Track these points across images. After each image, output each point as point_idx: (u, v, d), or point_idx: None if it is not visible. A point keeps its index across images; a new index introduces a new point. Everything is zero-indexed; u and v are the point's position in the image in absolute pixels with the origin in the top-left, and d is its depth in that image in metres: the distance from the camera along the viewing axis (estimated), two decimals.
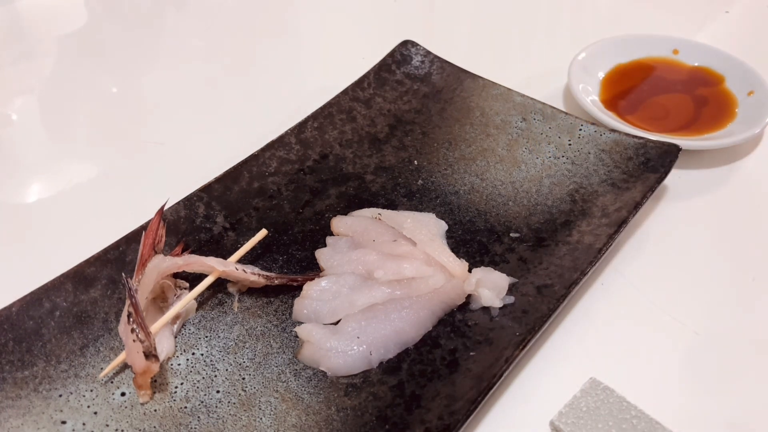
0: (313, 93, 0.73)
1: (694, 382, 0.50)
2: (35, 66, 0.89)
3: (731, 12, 0.92)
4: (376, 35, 0.91)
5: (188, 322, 0.54)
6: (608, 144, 0.64)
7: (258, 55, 0.89)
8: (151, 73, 0.88)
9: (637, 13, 0.94)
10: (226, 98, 0.81)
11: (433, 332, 0.52)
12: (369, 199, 0.63)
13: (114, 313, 0.53)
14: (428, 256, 0.55)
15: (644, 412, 0.45)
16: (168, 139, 0.75)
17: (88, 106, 0.81)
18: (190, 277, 0.55)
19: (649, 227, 0.61)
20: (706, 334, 0.53)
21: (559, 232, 0.58)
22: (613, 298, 0.56)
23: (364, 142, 0.68)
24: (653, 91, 0.75)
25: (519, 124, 0.68)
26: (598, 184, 0.62)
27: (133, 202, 0.61)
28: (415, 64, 0.75)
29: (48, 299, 0.52)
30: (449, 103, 0.72)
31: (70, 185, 0.70)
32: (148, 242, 0.54)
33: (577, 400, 0.46)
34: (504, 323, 0.51)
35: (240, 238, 0.59)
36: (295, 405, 0.48)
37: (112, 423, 0.47)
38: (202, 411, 0.48)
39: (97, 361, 0.51)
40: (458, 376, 0.48)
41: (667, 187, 0.65)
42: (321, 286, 0.54)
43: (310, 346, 0.51)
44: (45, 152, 0.76)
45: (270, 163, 0.64)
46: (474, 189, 0.63)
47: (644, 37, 0.79)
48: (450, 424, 0.44)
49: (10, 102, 0.82)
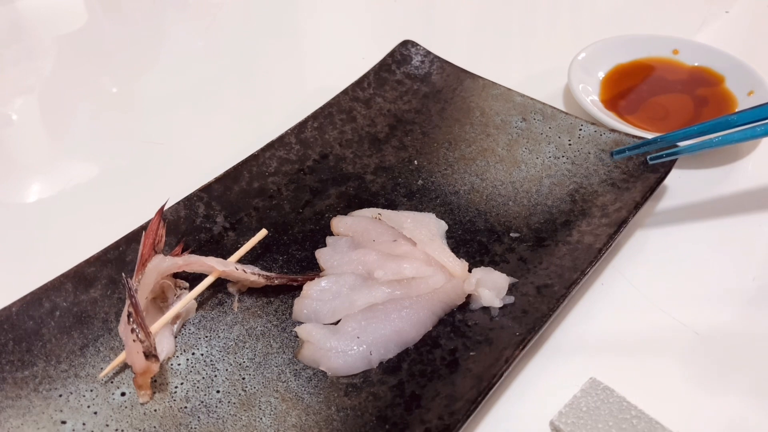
0: (313, 93, 0.73)
1: (694, 382, 0.50)
2: (35, 66, 0.89)
3: (731, 12, 0.92)
4: (376, 35, 0.91)
5: (188, 322, 0.54)
6: (608, 144, 0.64)
7: (258, 55, 0.89)
8: (151, 73, 0.88)
9: (637, 13, 0.94)
10: (226, 98, 0.81)
11: (433, 332, 0.52)
12: (369, 199, 0.63)
13: (114, 313, 0.53)
14: (428, 256, 0.55)
15: (644, 412, 0.45)
16: (168, 139, 0.75)
17: (88, 106, 0.81)
18: (190, 277, 0.56)
19: (649, 227, 0.61)
20: (706, 334, 0.53)
21: (559, 232, 0.58)
22: (613, 298, 0.56)
23: (364, 142, 0.68)
24: (653, 91, 0.75)
25: (519, 124, 0.68)
26: (598, 184, 0.62)
27: (133, 202, 0.61)
28: (415, 64, 0.75)
29: (48, 299, 0.52)
30: (449, 103, 0.72)
31: (70, 185, 0.70)
32: (148, 242, 0.54)
33: (577, 400, 0.46)
34: (504, 323, 0.51)
35: (240, 238, 0.59)
36: (295, 405, 0.48)
37: (112, 423, 0.47)
38: (202, 411, 0.48)
39: (97, 361, 0.51)
40: (458, 376, 0.48)
41: (667, 187, 0.65)
42: (321, 286, 0.54)
43: (310, 346, 0.51)
44: (45, 152, 0.76)
45: (270, 163, 0.64)
46: (474, 189, 0.63)
47: (644, 37, 0.79)
48: (450, 424, 0.44)
49: (10, 102, 0.82)
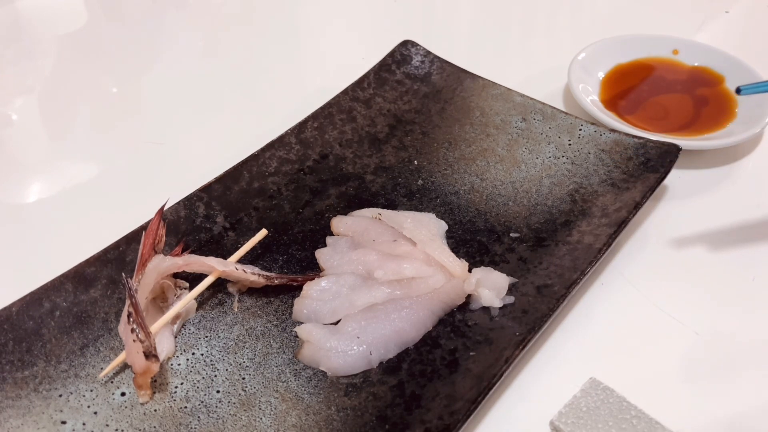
0: (313, 93, 0.73)
1: (694, 382, 0.50)
2: (35, 66, 0.89)
3: (731, 12, 0.92)
4: (376, 35, 0.91)
5: (188, 322, 0.54)
6: (608, 144, 0.64)
7: (258, 55, 0.89)
8: (151, 73, 0.88)
9: (637, 13, 0.94)
10: (226, 98, 0.81)
11: (433, 332, 0.52)
12: (369, 199, 0.63)
13: (114, 313, 0.53)
14: (428, 256, 0.55)
15: (644, 412, 0.45)
16: (168, 139, 0.75)
17: (88, 106, 0.81)
18: (190, 277, 0.55)
19: (649, 227, 0.61)
20: (706, 334, 0.53)
21: (559, 232, 0.58)
22: (613, 298, 0.56)
23: (364, 142, 0.68)
24: (653, 91, 0.75)
25: (519, 124, 0.68)
26: (598, 184, 0.62)
27: (133, 202, 0.61)
28: (415, 64, 0.75)
29: (48, 299, 0.52)
30: (449, 103, 0.72)
31: (70, 185, 0.70)
32: (148, 242, 0.54)
33: (577, 400, 0.46)
34: (504, 323, 0.51)
35: (240, 238, 0.59)
36: (295, 405, 0.48)
37: (112, 423, 0.47)
38: (202, 411, 0.48)
39: (97, 361, 0.51)
40: (458, 376, 0.48)
41: (667, 187, 0.65)
42: (321, 286, 0.54)
43: (310, 346, 0.51)
44: (45, 152, 0.76)
45: (270, 163, 0.64)
46: (474, 189, 0.63)
47: (644, 37, 0.79)
48: (450, 424, 0.44)
49: (10, 102, 0.82)
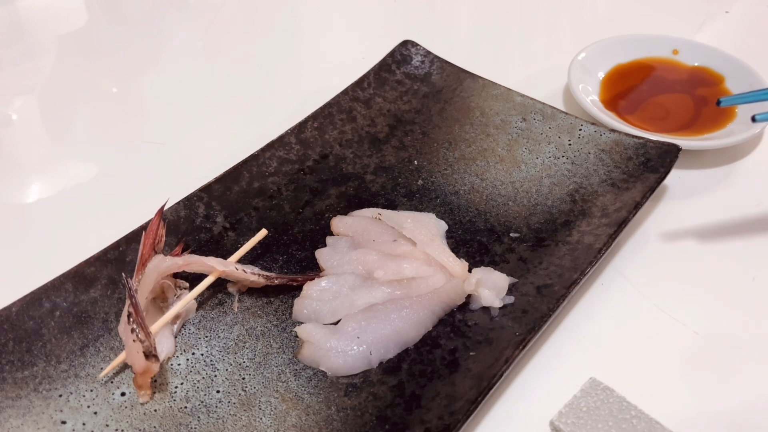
0: (313, 93, 0.73)
1: (694, 382, 0.50)
2: (35, 66, 0.89)
3: (731, 12, 0.92)
4: (376, 35, 0.91)
5: (188, 322, 0.54)
6: (608, 144, 0.64)
7: (258, 55, 0.89)
8: (151, 73, 0.88)
9: (637, 13, 0.94)
10: (226, 98, 0.81)
11: (433, 332, 0.52)
12: (369, 199, 0.63)
13: (114, 313, 0.53)
14: (428, 256, 0.55)
15: (644, 412, 0.45)
16: (168, 139, 0.75)
17: (88, 106, 0.81)
18: (190, 277, 0.55)
19: (649, 227, 0.61)
20: (706, 334, 0.53)
21: (559, 232, 0.58)
22: (613, 298, 0.56)
23: (364, 142, 0.68)
24: (653, 91, 0.75)
25: (519, 124, 0.68)
26: (598, 184, 0.62)
27: (133, 202, 0.61)
28: (415, 64, 0.75)
29: (48, 299, 0.52)
30: (449, 103, 0.72)
31: (70, 185, 0.70)
32: (148, 242, 0.54)
33: (577, 400, 0.46)
34: (504, 323, 0.51)
35: (240, 238, 0.59)
36: (295, 405, 0.48)
37: (112, 423, 0.47)
38: (202, 411, 0.48)
39: (97, 361, 0.51)
40: (458, 376, 0.48)
41: (667, 187, 0.64)
42: (321, 286, 0.54)
43: (310, 346, 0.51)
44: (45, 152, 0.76)
45: (270, 163, 0.64)
46: (474, 189, 0.63)
47: (644, 37, 0.79)
48: (450, 424, 0.44)
49: (10, 102, 0.82)
